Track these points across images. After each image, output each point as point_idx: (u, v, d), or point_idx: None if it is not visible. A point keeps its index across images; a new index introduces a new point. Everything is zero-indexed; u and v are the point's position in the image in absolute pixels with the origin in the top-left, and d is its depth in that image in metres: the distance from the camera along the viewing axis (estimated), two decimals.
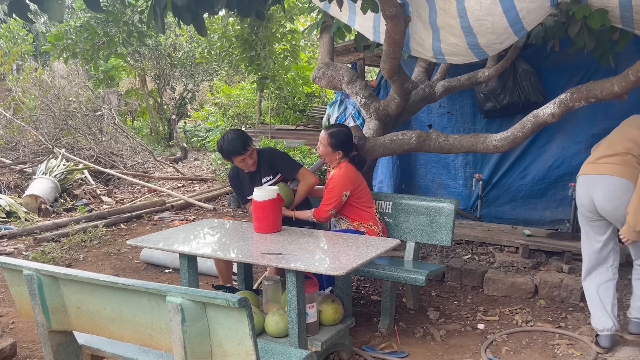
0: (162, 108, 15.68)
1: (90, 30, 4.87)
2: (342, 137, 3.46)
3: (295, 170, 3.54)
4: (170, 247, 2.88)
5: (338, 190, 3.34)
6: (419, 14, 3.21)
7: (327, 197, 3.36)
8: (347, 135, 3.50)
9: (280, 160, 3.58)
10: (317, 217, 3.38)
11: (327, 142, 3.43)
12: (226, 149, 3.39)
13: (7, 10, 2.49)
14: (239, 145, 3.37)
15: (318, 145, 3.52)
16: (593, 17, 2.99)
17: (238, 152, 3.38)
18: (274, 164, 3.55)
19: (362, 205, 3.45)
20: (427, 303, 3.82)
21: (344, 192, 3.35)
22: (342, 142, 3.44)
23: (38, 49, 14.09)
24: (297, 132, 10.01)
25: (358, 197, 3.43)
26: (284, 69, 7.12)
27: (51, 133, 9.42)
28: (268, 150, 3.68)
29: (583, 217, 3.03)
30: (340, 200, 3.36)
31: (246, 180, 3.61)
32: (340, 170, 3.41)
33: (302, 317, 2.62)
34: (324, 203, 3.37)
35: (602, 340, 2.98)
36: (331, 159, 3.48)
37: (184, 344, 1.77)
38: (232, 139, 3.38)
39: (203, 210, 7.10)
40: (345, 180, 3.36)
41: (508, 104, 4.89)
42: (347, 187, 3.36)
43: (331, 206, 3.35)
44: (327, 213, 3.36)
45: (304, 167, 3.57)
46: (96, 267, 4.77)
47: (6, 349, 2.90)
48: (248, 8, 2.98)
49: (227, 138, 3.40)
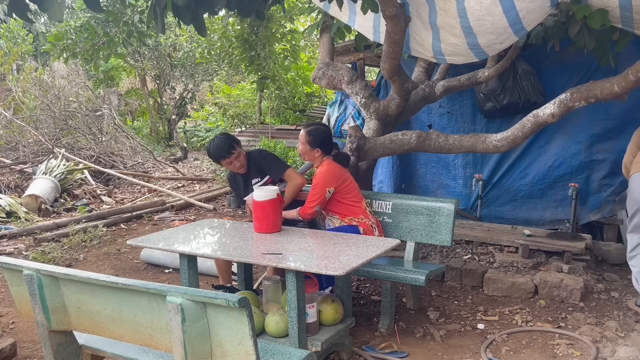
0: (162, 108, 15.68)
1: (90, 30, 4.88)
2: (319, 134, 3.47)
3: (281, 171, 3.57)
4: (170, 247, 2.89)
5: (320, 187, 3.38)
6: (419, 14, 3.21)
7: (311, 195, 3.41)
8: (325, 134, 3.51)
9: (266, 161, 3.63)
10: (302, 214, 3.42)
11: (305, 140, 3.45)
12: (212, 152, 3.53)
13: (7, 10, 2.49)
14: (224, 149, 3.49)
15: (298, 144, 3.55)
16: (593, 17, 2.99)
17: (223, 155, 3.50)
18: (261, 165, 3.62)
19: (350, 201, 3.47)
20: (427, 303, 3.82)
21: (327, 189, 3.38)
22: (320, 139, 3.45)
23: (38, 49, 14.09)
24: (297, 132, 9.97)
25: (345, 193, 3.46)
26: (284, 69, 7.13)
27: (51, 133, 9.42)
28: (256, 152, 3.75)
29: (636, 210, 3.47)
30: (323, 197, 3.39)
31: (241, 182, 3.72)
32: (322, 168, 3.45)
33: (302, 317, 2.62)
34: (308, 200, 3.42)
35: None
36: (311, 157, 3.50)
37: (184, 344, 1.77)
38: (218, 143, 3.50)
39: (203, 210, 7.10)
40: (328, 178, 3.39)
41: (508, 104, 4.89)
42: (330, 183, 3.39)
43: (315, 203, 3.39)
44: (312, 209, 3.39)
45: (292, 169, 3.60)
46: (96, 267, 4.77)
47: (6, 349, 2.90)
48: (248, 8, 2.98)
49: (214, 142, 3.53)
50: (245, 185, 3.69)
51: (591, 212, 4.86)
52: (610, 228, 4.87)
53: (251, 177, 3.66)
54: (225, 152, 3.49)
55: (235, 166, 3.58)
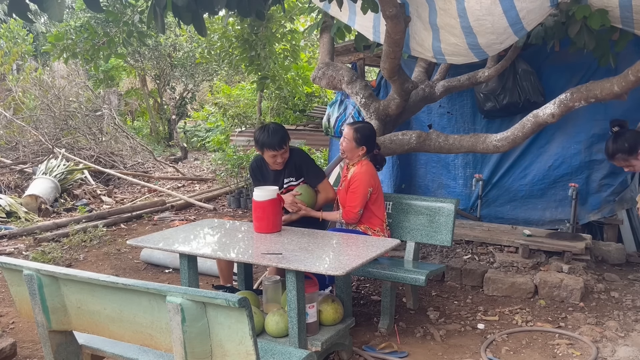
0: (162, 108, 15.69)
1: (90, 30, 4.88)
2: (366, 132, 3.42)
3: (319, 180, 3.52)
4: (170, 247, 2.88)
5: (363, 187, 3.32)
6: (419, 14, 3.21)
7: (352, 198, 3.33)
8: (371, 132, 3.47)
9: (307, 165, 3.53)
10: (346, 218, 3.37)
11: (352, 137, 3.38)
12: (263, 140, 3.33)
13: (7, 10, 2.48)
14: (275, 141, 3.31)
15: (341, 141, 3.46)
16: (593, 17, 2.99)
17: (274, 147, 3.33)
18: (300, 167, 3.51)
19: (375, 207, 3.42)
20: (427, 303, 3.82)
21: (369, 189, 3.34)
22: (367, 137, 3.41)
23: (38, 49, 14.09)
24: (297, 132, 10.00)
25: (374, 200, 3.41)
26: (284, 69, 7.13)
27: (51, 133, 9.42)
28: (298, 152, 3.58)
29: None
30: (365, 198, 3.33)
31: (270, 176, 3.56)
32: (362, 168, 3.37)
33: (302, 317, 2.62)
34: (351, 204, 3.33)
35: None
36: (353, 155, 3.42)
37: (184, 344, 1.77)
38: (272, 132, 3.31)
39: (203, 210, 7.10)
40: (369, 177, 3.35)
41: (508, 104, 4.89)
42: (370, 183, 3.35)
43: (359, 206, 3.32)
44: (356, 214, 3.34)
45: (327, 180, 3.55)
46: (96, 267, 4.77)
47: (6, 349, 2.90)
48: (248, 8, 2.98)
49: (270, 128, 3.33)
50: (275, 181, 3.50)
51: (591, 212, 4.86)
52: (610, 228, 4.87)
53: (285, 175, 3.51)
54: (277, 144, 3.31)
55: (277, 161, 3.40)
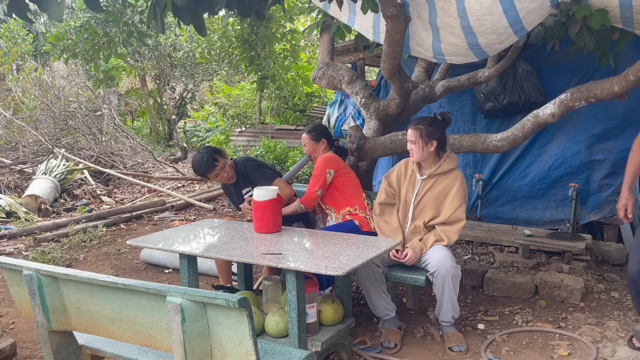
0: (162, 108, 15.69)
1: (90, 30, 4.88)
2: (319, 128, 3.80)
3: (269, 183, 3.52)
4: (170, 247, 2.88)
5: (321, 169, 3.44)
6: (419, 14, 3.21)
7: (312, 182, 3.46)
8: (324, 128, 3.85)
9: (253, 173, 3.57)
10: (304, 201, 3.45)
11: (310, 138, 3.70)
12: (196, 169, 3.48)
13: (7, 10, 2.48)
14: (206, 164, 3.42)
15: (304, 147, 3.77)
16: (593, 17, 2.99)
17: (207, 170, 3.43)
18: (248, 175, 3.58)
19: (349, 190, 3.49)
20: (427, 303, 3.82)
21: (328, 170, 3.43)
22: (321, 132, 3.73)
23: (38, 49, 14.10)
24: (297, 132, 10.01)
25: (345, 181, 3.49)
26: (284, 69, 7.13)
27: (51, 133, 9.42)
28: (242, 162, 3.63)
29: None
30: (324, 180, 3.43)
31: (232, 191, 3.70)
32: (321, 156, 3.56)
33: (302, 317, 2.62)
34: (310, 187, 3.46)
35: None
36: (317, 151, 3.70)
37: (184, 344, 1.77)
38: (200, 158, 3.43)
39: (203, 210, 7.10)
40: (326, 161, 3.47)
41: (508, 104, 4.89)
42: (331, 165, 3.45)
43: (315, 187, 3.43)
44: (314, 194, 3.43)
45: (279, 179, 3.56)
46: (96, 267, 4.77)
47: (6, 349, 2.90)
48: (248, 8, 2.98)
49: (196, 158, 3.48)
50: (237, 195, 3.65)
51: (591, 212, 4.86)
52: (610, 228, 4.87)
53: (241, 186, 3.62)
54: (208, 167, 3.41)
55: (222, 177, 3.51)
